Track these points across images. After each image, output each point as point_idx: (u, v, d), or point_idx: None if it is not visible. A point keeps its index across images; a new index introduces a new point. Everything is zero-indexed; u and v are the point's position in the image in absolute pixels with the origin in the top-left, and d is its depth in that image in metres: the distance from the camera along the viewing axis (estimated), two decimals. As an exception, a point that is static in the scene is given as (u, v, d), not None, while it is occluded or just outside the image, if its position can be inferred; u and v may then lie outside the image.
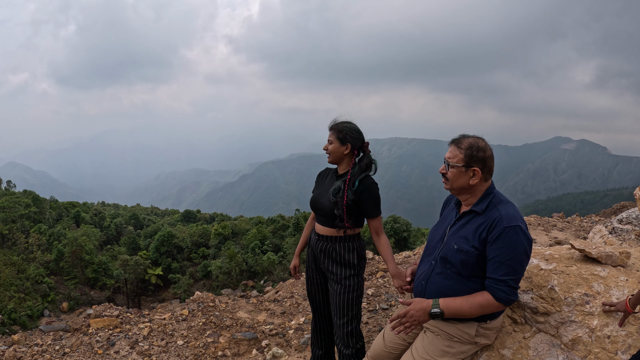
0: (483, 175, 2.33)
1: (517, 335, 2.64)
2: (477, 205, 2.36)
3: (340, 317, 3.10)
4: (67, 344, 4.56)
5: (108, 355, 4.21)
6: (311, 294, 3.40)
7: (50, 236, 45.32)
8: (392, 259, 3.03)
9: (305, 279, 3.41)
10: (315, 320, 3.47)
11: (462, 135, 2.40)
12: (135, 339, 4.46)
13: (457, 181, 2.37)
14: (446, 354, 2.42)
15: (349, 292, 3.08)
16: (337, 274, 3.11)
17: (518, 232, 2.20)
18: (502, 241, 2.21)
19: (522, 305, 2.70)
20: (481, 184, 2.37)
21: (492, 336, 2.54)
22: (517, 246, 2.20)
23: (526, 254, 2.24)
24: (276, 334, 4.56)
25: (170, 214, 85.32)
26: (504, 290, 2.22)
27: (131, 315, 5.18)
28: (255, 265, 40.11)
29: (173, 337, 4.48)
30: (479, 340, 2.46)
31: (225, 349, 4.23)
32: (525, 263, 2.26)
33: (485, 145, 2.34)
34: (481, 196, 2.38)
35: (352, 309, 3.10)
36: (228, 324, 4.70)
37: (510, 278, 2.22)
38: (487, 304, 2.26)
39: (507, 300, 2.24)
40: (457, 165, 2.34)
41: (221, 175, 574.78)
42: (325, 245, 3.11)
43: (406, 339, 2.66)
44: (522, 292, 2.72)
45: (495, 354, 2.59)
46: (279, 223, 51.58)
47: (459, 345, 2.43)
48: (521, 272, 2.25)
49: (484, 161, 2.31)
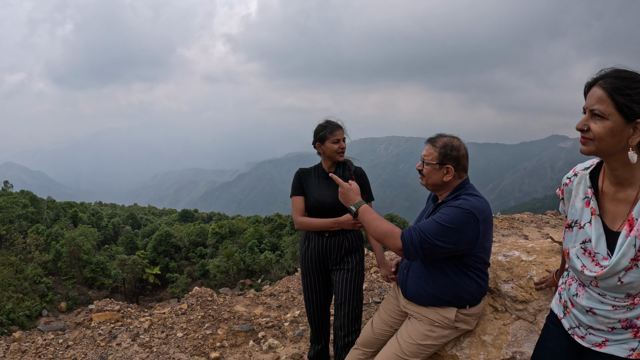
0: (457, 172, 2.50)
1: (497, 322, 2.81)
2: (447, 197, 2.51)
3: (349, 303, 3.26)
4: (70, 337, 4.72)
5: (110, 347, 4.36)
6: (313, 294, 3.53)
7: (48, 236, 45.35)
8: (380, 249, 3.24)
9: (306, 283, 3.54)
10: (315, 319, 3.62)
11: (438, 135, 2.58)
12: (137, 332, 4.62)
13: (431, 177, 2.54)
14: (428, 337, 2.58)
15: (357, 277, 3.32)
16: (348, 262, 3.32)
17: (468, 215, 2.31)
18: (447, 211, 2.34)
19: (502, 294, 2.88)
20: (455, 181, 2.53)
21: (472, 322, 2.71)
22: (456, 222, 2.29)
23: (459, 232, 2.30)
24: (272, 326, 4.73)
25: (167, 213, 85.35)
26: (413, 236, 2.30)
27: (132, 310, 5.34)
28: (252, 264, 40.26)
29: (173, 330, 4.65)
30: (459, 326, 2.62)
31: (223, 340, 4.40)
32: (454, 240, 2.31)
33: (460, 144, 2.52)
34: (452, 190, 2.54)
35: (360, 292, 3.32)
36: (226, 317, 4.87)
37: (427, 235, 2.29)
38: (391, 234, 2.35)
39: (407, 247, 2.30)
40: (431, 162, 2.51)
41: (218, 175, 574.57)
42: (338, 240, 3.30)
43: (392, 326, 2.84)
44: (503, 282, 2.90)
45: (476, 339, 2.76)
46: (276, 222, 51.72)
47: (440, 329, 2.59)
48: (440, 240, 2.29)
49: (457, 159, 2.48)
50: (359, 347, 2.93)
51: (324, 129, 3.26)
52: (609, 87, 1.53)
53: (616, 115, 1.52)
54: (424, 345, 2.58)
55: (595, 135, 1.56)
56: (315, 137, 3.32)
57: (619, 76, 1.53)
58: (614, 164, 1.64)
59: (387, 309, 2.89)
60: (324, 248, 3.33)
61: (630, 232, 1.60)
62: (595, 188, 1.77)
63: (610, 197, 1.71)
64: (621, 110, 1.51)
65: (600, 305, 1.75)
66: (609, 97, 1.52)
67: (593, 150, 1.59)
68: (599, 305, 1.75)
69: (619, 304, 1.71)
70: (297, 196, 3.36)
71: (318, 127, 3.32)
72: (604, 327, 1.76)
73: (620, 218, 1.67)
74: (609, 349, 1.78)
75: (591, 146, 1.59)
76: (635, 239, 1.58)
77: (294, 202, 3.36)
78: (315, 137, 3.32)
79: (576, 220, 1.80)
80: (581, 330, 1.86)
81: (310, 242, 3.39)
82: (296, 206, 3.34)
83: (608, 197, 1.72)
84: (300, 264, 3.53)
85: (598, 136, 1.55)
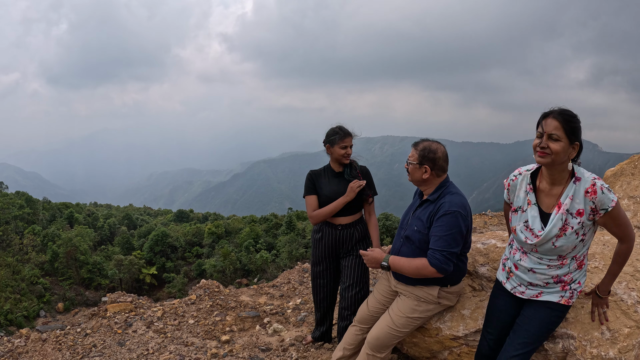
0: (434, 171, 2.98)
1: (474, 299, 3.25)
2: (431, 195, 3.01)
3: (355, 285, 3.71)
4: (87, 326, 5.11)
5: (127, 334, 4.75)
6: (323, 280, 3.97)
7: (45, 237, 45.51)
8: (377, 238, 3.73)
9: (316, 272, 3.98)
10: (322, 304, 4.07)
11: (421, 140, 3.09)
12: (151, 320, 5.01)
13: (413, 175, 3.04)
14: (415, 311, 3.05)
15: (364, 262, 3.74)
16: (356, 248, 3.78)
17: (457, 216, 2.83)
18: (442, 221, 2.84)
19: (480, 275, 3.32)
20: (434, 179, 3.02)
21: (453, 299, 3.17)
22: (453, 226, 2.82)
23: (460, 233, 2.85)
24: (276, 313, 5.15)
25: (163, 213, 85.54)
26: (438, 258, 2.82)
27: (143, 302, 5.74)
28: (249, 264, 40.62)
29: (184, 318, 5.05)
30: (442, 301, 3.09)
31: (232, 325, 4.82)
32: (459, 241, 2.86)
33: (437, 148, 3.00)
34: (435, 188, 3.02)
35: (367, 276, 3.78)
36: (233, 306, 5.28)
37: (445, 250, 2.81)
38: (422, 267, 2.87)
39: (440, 268, 2.83)
40: (413, 162, 3.01)
41: (213, 175, 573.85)
42: (351, 231, 3.76)
43: (385, 304, 3.28)
44: (479, 265, 3.34)
45: (457, 314, 3.22)
46: (272, 222, 52.09)
47: (425, 304, 3.06)
48: (455, 247, 2.84)
49: (434, 160, 2.96)
50: (357, 324, 3.38)
51: (336, 134, 3.68)
52: (561, 119, 2.27)
53: (565, 139, 2.27)
54: (412, 318, 3.04)
55: (554, 151, 2.28)
56: (327, 139, 3.74)
57: (565, 113, 2.29)
58: (555, 170, 2.40)
59: (380, 290, 3.34)
60: (338, 239, 3.77)
61: (558, 211, 2.40)
62: (534, 185, 2.55)
63: (546, 192, 2.50)
64: (568, 136, 2.27)
65: (539, 266, 2.54)
66: (562, 126, 2.27)
67: (549, 161, 2.32)
68: (538, 266, 2.54)
69: (552, 264, 2.50)
70: (310, 195, 3.77)
71: (330, 131, 3.73)
72: (541, 283, 2.55)
73: (552, 204, 2.47)
74: (545, 297, 2.57)
75: (548, 159, 2.31)
76: (562, 215, 2.39)
77: (308, 200, 3.77)
78: (327, 139, 3.74)
79: (520, 206, 2.59)
80: (522, 287, 2.63)
81: (324, 234, 3.81)
82: (310, 204, 3.76)
83: (545, 193, 2.50)
84: (312, 253, 3.97)
85: (555, 152, 2.28)
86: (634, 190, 5.08)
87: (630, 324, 2.64)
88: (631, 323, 2.64)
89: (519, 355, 2.56)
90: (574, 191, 2.39)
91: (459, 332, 3.15)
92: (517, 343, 2.58)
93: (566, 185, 2.42)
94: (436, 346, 3.30)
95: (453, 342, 3.19)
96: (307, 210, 3.79)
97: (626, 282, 2.85)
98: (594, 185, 2.34)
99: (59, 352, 4.45)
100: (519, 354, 2.56)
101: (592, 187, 2.34)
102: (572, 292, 2.57)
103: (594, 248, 3.26)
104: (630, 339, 2.59)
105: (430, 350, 3.36)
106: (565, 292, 2.56)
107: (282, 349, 4.28)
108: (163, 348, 4.39)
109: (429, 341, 3.31)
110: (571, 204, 2.38)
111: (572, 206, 2.38)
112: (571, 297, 2.57)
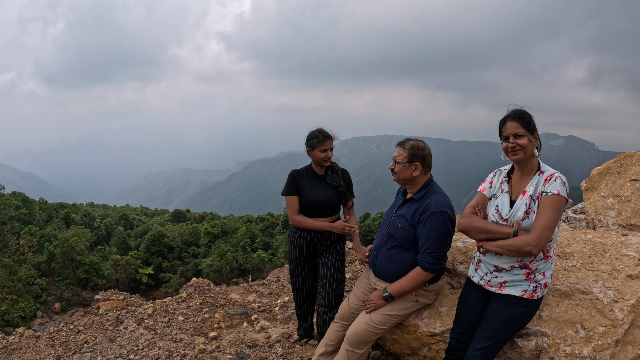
0: (423, 169, 3.07)
1: (452, 296, 3.35)
2: (416, 194, 3.09)
3: (331, 283, 3.82)
4: (80, 323, 5.21)
5: (118, 331, 4.86)
6: (301, 278, 4.08)
7: (41, 237, 45.48)
8: (357, 238, 3.81)
9: (294, 269, 4.09)
10: (302, 301, 4.19)
11: (407, 139, 3.16)
12: (141, 317, 5.12)
13: (402, 174, 3.10)
14: (393, 308, 3.14)
15: (341, 260, 3.88)
16: (333, 247, 3.87)
17: (444, 216, 2.92)
18: (430, 222, 2.93)
19: (458, 273, 3.42)
20: (421, 177, 3.10)
21: (431, 297, 3.27)
22: (441, 227, 2.92)
23: (448, 233, 2.96)
24: (264, 310, 5.26)
25: (159, 213, 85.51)
26: (428, 261, 2.94)
27: (135, 299, 5.84)
28: (245, 263, 40.71)
29: (174, 315, 5.15)
30: (420, 299, 3.18)
31: (220, 322, 4.92)
32: (448, 240, 2.97)
33: (425, 146, 3.09)
34: (420, 187, 3.10)
35: (342, 273, 3.88)
36: (222, 303, 5.39)
37: (435, 251, 2.93)
38: (418, 275, 2.99)
39: (432, 269, 2.95)
40: (402, 161, 3.07)
41: (210, 175, 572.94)
42: (328, 232, 3.84)
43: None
44: (458, 263, 3.44)
45: (434, 311, 3.32)
46: (268, 221, 52.20)
47: (402, 302, 3.15)
48: (444, 247, 2.96)
49: (423, 158, 3.05)
50: (338, 321, 3.48)
51: (315, 138, 3.76)
52: (517, 119, 2.58)
53: (526, 133, 2.57)
54: (390, 315, 3.13)
55: (522, 145, 2.58)
56: (307, 142, 3.83)
57: (518, 113, 2.60)
58: (526, 163, 2.67)
59: (360, 287, 3.44)
60: (315, 239, 3.87)
61: (523, 197, 2.64)
62: (509, 179, 2.81)
63: (517, 185, 2.74)
64: (527, 129, 2.57)
65: None
66: (520, 123, 2.58)
67: (523, 156, 2.61)
68: None
69: None
70: (292, 196, 3.85)
71: (310, 134, 3.82)
72: (506, 266, 2.67)
73: (520, 193, 2.69)
74: (507, 290, 2.68)
75: (521, 154, 2.60)
76: (526, 200, 2.61)
77: (290, 201, 3.85)
78: (307, 142, 3.83)
79: (494, 194, 2.82)
80: (488, 276, 2.76)
81: (303, 234, 3.90)
82: (292, 205, 3.84)
83: (516, 185, 2.75)
84: (290, 252, 4.06)
85: (524, 145, 2.58)
86: (619, 189, 5.17)
87: (605, 323, 2.66)
88: (606, 322, 2.66)
89: (483, 348, 2.68)
90: (537, 180, 2.63)
91: (436, 329, 3.24)
92: (481, 337, 2.71)
93: (533, 176, 2.68)
94: (415, 343, 3.39)
95: (431, 339, 3.29)
96: (289, 210, 3.87)
97: (603, 280, 2.85)
98: (553, 175, 2.60)
99: (51, 348, 4.56)
100: (483, 347, 2.68)
101: (551, 175, 2.60)
102: (536, 286, 2.65)
103: (574, 247, 3.26)
104: (605, 338, 2.62)
105: (410, 346, 3.46)
106: (529, 284, 2.64)
107: (268, 345, 4.38)
108: (152, 344, 4.50)
109: (408, 338, 3.41)
110: (534, 191, 2.61)
111: (534, 192, 2.61)
112: (534, 291, 2.65)
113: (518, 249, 2.53)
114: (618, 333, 2.62)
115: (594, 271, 2.91)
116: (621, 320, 2.64)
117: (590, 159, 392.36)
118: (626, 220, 4.23)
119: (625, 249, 3.01)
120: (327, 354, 3.45)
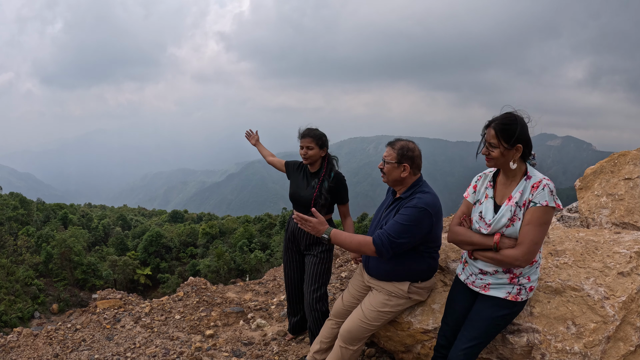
0: (412, 170, 3.06)
1: (445, 293, 3.38)
2: (404, 194, 3.08)
3: (312, 284, 3.85)
4: (77, 322, 5.23)
5: (115, 329, 4.88)
6: (289, 270, 4.17)
7: (39, 238, 45.46)
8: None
9: (285, 259, 4.19)
10: (290, 293, 4.26)
11: (397, 139, 3.15)
12: (139, 316, 5.14)
13: (391, 174, 3.08)
14: (386, 305, 3.16)
15: (322, 263, 3.88)
16: (314, 249, 3.89)
17: (423, 212, 2.88)
18: (406, 212, 2.90)
19: (451, 271, 3.45)
20: (410, 177, 3.08)
21: (424, 294, 3.28)
22: (413, 220, 2.86)
23: (418, 228, 2.88)
24: (260, 309, 5.29)
25: (157, 214, 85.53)
26: (382, 240, 2.86)
27: (132, 298, 5.87)
28: (243, 264, 40.74)
29: (171, 314, 5.18)
30: (412, 296, 3.20)
31: (216, 320, 4.95)
32: (413, 235, 2.88)
33: (414, 147, 3.08)
34: (409, 187, 3.09)
35: (322, 276, 3.88)
36: (218, 302, 5.41)
37: (393, 236, 2.85)
38: (364, 243, 2.92)
39: (379, 251, 2.87)
40: (391, 162, 3.05)
41: (208, 175, 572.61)
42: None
43: (359, 299, 3.40)
44: (451, 261, 3.48)
45: (427, 308, 3.35)
46: (266, 222, 52.21)
47: (396, 299, 3.17)
48: (403, 238, 2.86)
49: (412, 159, 3.04)
50: (332, 318, 3.51)
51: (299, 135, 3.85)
52: (497, 128, 2.51)
53: (500, 145, 2.52)
54: (383, 312, 3.15)
55: (494, 157, 2.57)
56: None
57: (501, 122, 2.51)
58: (505, 170, 2.65)
59: (354, 285, 3.47)
60: (295, 231, 3.95)
61: (508, 203, 2.61)
62: (494, 183, 2.78)
63: (502, 189, 2.72)
64: (504, 142, 2.50)
65: None
66: (496, 134, 2.51)
67: (493, 164, 2.64)
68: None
69: None
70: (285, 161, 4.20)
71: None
72: (490, 270, 2.69)
73: (506, 198, 2.66)
74: (492, 292, 2.70)
75: (492, 163, 2.62)
76: (511, 206, 2.59)
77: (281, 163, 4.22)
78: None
79: (478, 199, 2.80)
80: (473, 277, 2.79)
81: (290, 223, 4.01)
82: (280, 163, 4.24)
83: (500, 189, 2.72)
84: (283, 241, 4.18)
85: (494, 157, 2.57)
86: (612, 188, 5.21)
87: (596, 319, 2.68)
88: (597, 318, 2.68)
89: (467, 348, 2.69)
90: (524, 187, 2.58)
91: (428, 326, 3.27)
92: (465, 337, 2.72)
93: (519, 182, 2.62)
94: (409, 340, 3.42)
95: (424, 336, 3.32)
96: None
97: (594, 277, 2.87)
98: (540, 182, 2.53)
99: (49, 346, 4.58)
100: (467, 347, 2.69)
101: (538, 183, 2.53)
102: (520, 289, 2.65)
103: (566, 244, 3.29)
104: (596, 334, 2.64)
105: (403, 343, 3.49)
106: (513, 286, 2.64)
107: (263, 343, 4.42)
108: (149, 342, 4.52)
109: (402, 335, 3.44)
110: (520, 198, 2.57)
111: (520, 199, 2.56)
112: (519, 293, 2.65)
113: (508, 264, 2.58)
114: (609, 329, 2.65)
115: (585, 268, 2.94)
116: (612, 316, 2.67)
117: (587, 159, 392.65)
118: (619, 218, 4.27)
119: (617, 246, 3.04)
120: (322, 351, 3.48)
